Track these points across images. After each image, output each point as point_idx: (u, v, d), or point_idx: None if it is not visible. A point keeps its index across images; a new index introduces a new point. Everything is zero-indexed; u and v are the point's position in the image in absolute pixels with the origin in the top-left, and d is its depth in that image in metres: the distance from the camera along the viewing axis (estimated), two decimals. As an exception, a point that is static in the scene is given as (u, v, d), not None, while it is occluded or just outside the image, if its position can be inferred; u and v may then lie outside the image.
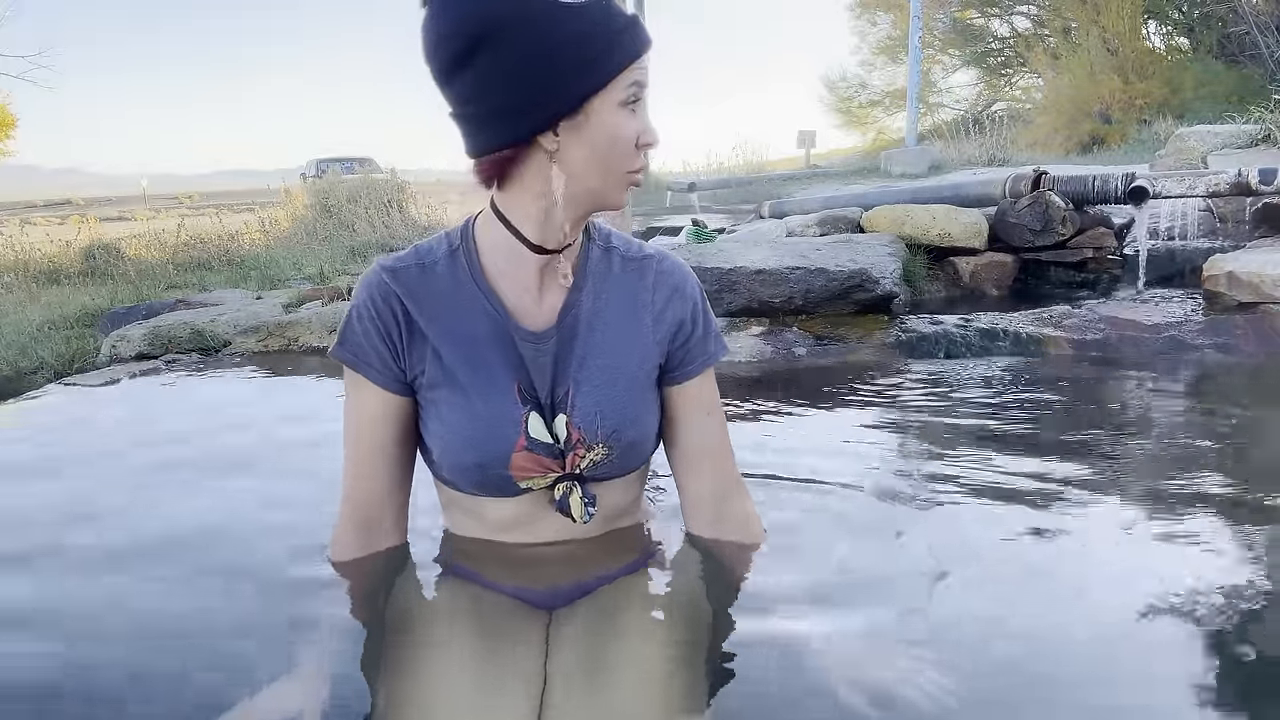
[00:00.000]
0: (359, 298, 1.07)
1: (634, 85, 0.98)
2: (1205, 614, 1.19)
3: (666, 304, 1.13)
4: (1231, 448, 1.98)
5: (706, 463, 1.17)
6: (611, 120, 0.97)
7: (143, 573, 1.37)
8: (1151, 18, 13.04)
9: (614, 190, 1.02)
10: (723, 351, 1.18)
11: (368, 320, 1.06)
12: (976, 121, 11.40)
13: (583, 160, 0.98)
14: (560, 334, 1.07)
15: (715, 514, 1.19)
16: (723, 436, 1.19)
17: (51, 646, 1.13)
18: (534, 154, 0.98)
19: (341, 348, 1.08)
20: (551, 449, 1.06)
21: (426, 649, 0.97)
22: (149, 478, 1.88)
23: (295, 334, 3.62)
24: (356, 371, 1.07)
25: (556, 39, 0.92)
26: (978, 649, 1.11)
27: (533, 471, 1.07)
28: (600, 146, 0.98)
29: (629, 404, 1.09)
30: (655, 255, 1.16)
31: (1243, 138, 6.12)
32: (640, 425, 1.11)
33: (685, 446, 1.17)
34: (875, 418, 2.32)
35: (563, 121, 0.96)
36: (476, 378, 1.05)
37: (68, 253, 7.20)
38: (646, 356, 1.11)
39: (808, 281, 3.34)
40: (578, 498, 1.08)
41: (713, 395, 1.18)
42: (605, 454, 1.08)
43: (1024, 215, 3.98)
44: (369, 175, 9.84)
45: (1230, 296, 3.21)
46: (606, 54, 0.95)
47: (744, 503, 1.22)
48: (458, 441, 1.05)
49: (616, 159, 0.99)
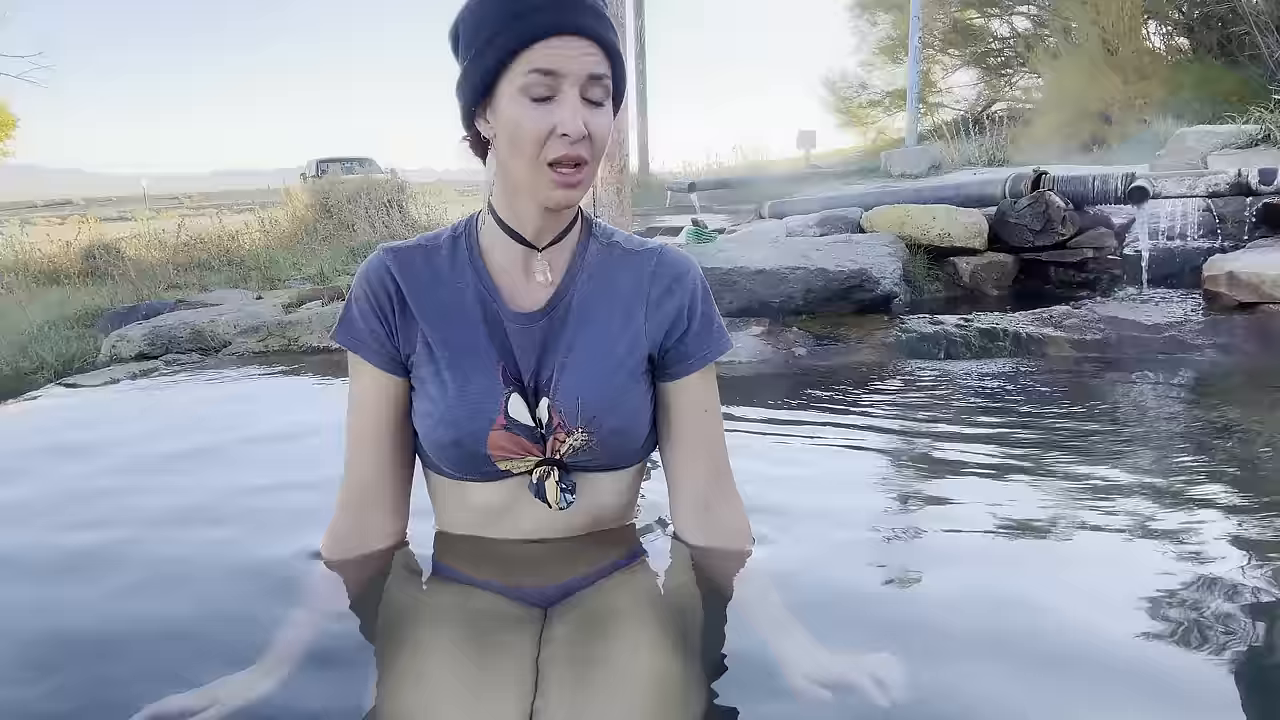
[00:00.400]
0: (357, 280, 1.10)
1: (534, 72, 0.95)
2: (1205, 614, 1.19)
3: (664, 295, 1.10)
4: (1231, 448, 1.98)
5: (700, 463, 1.15)
6: (510, 108, 0.97)
7: (135, 564, 1.37)
8: (1151, 18, 13.03)
9: (538, 185, 0.99)
10: (724, 347, 1.14)
11: (364, 301, 1.08)
12: (976, 121, 11.39)
13: (504, 149, 1.00)
14: (550, 319, 1.08)
15: (704, 519, 1.16)
16: (718, 438, 1.16)
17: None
18: (486, 140, 1.03)
19: (340, 329, 1.10)
20: (532, 432, 1.07)
21: (417, 649, 0.97)
22: (148, 471, 1.88)
23: (295, 334, 3.62)
24: (355, 353, 1.09)
25: (476, 22, 0.98)
26: (976, 649, 1.10)
27: (511, 453, 1.07)
28: (506, 134, 0.98)
29: (611, 390, 1.07)
30: (658, 248, 1.14)
31: (1243, 138, 6.12)
32: (621, 413, 1.08)
33: (678, 444, 1.14)
34: (875, 417, 2.32)
35: (484, 108, 1.00)
36: (460, 356, 1.07)
37: (68, 253, 7.19)
38: (636, 345, 1.09)
39: (808, 281, 3.34)
40: (554, 482, 1.07)
41: (710, 394, 1.15)
42: (585, 440, 1.07)
43: (1024, 215, 3.98)
44: (369, 175, 9.84)
45: (1230, 297, 3.21)
46: (500, 37, 0.95)
47: (735, 510, 1.18)
48: (436, 417, 1.07)
49: (524, 148, 0.97)
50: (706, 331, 1.13)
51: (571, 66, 0.95)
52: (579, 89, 0.96)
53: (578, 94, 0.96)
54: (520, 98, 0.96)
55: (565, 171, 0.98)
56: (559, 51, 0.95)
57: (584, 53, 0.96)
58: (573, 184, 0.99)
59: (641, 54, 12.01)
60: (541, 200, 1.01)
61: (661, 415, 1.15)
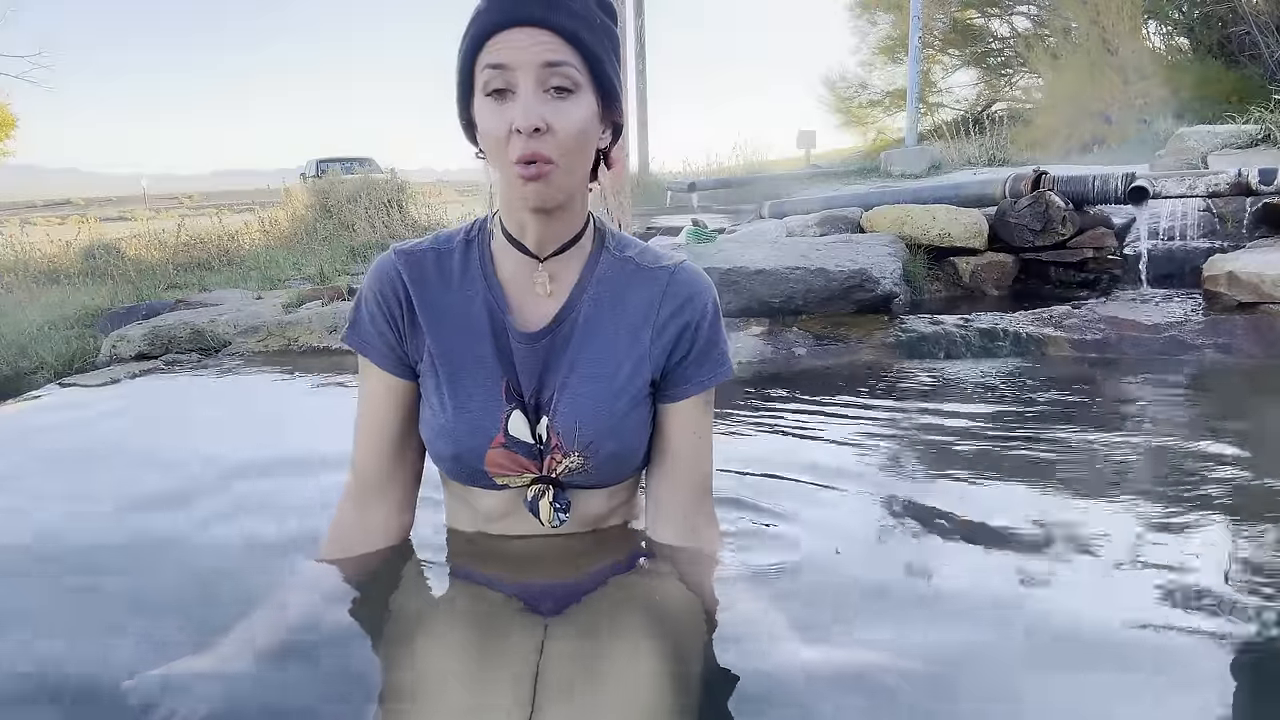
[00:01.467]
0: (368, 280, 1.09)
1: (487, 69, 0.93)
2: (1206, 614, 1.19)
3: (671, 317, 1.07)
4: (1232, 448, 1.98)
5: (684, 485, 1.13)
6: (479, 110, 0.96)
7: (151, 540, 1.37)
8: (1151, 18, 13.03)
9: (511, 184, 0.97)
10: (723, 376, 1.11)
11: (374, 304, 1.08)
12: (976, 121, 11.39)
13: (486, 154, 0.99)
14: (554, 337, 1.06)
15: (687, 540, 1.14)
16: (706, 459, 1.14)
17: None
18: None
19: (349, 331, 1.10)
20: (531, 450, 1.06)
21: (418, 651, 0.97)
22: (156, 470, 1.88)
23: (295, 334, 3.62)
24: (363, 355, 1.09)
25: (462, 32, 0.97)
26: (976, 649, 1.10)
27: (509, 470, 1.07)
28: (482, 141, 0.98)
29: (611, 416, 1.05)
30: (671, 267, 1.09)
31: (1243, 138, 6.12)
32: (620, 439, 1.07)
33: (666, 464, 1.13)
34: (875, 418, 2.32)
35: (472, 115, 0.99)
36: (462, 370, 1.06)
37: (68, 253, 7.19)
38: (639, 370, 1.06)
39: (808, 281, 3.34)
40: (547, 502, 1.07)
41: (703, 418, 1.12)
42: (582, 463, 1.06)
43: (1024, 215, 3.98)
44: (369, 175, 9.83)
45: (1230, 297, 3.21)
46: (464, 42, 0.96)
47: (713, 531, 1.17)
48: (436, 430, 1.07)
49: (491, 148, 0.96)
50: (707, 357, 1.10)
51: (521, 58, 0.92)
52: (534, 80, 0.93)
53: (533, 86, 0.93)
54: (483, 100, 0.95)
55: (526, 167, 0.93)
56: (507, 43, 0.93)
57: (535, 42, 0.92)
58: (535, 177, 0.94)
59: (641, 54, 12.00)
60: (517, 200, 0.99)
61: (654, 433, 1.13)
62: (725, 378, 1.11)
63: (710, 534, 1.16)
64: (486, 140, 0.96)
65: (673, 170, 12.34)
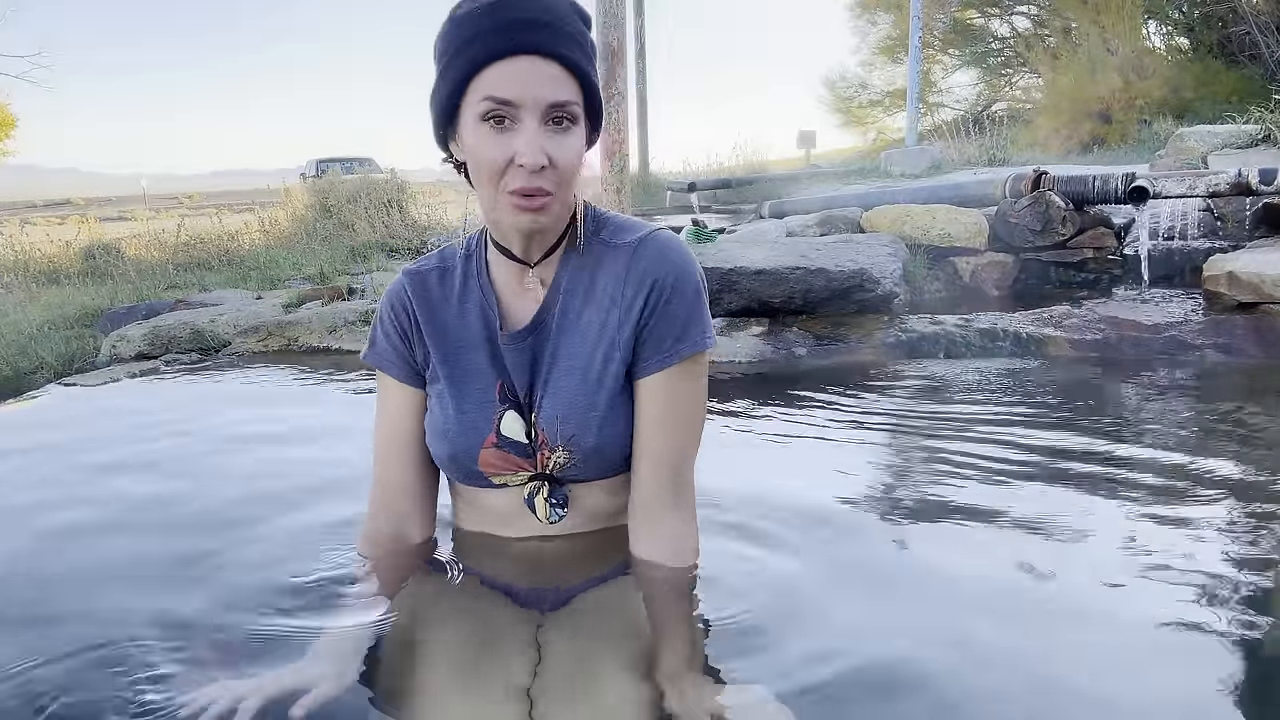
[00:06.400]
0: (382, 303, 1.15)
1: (486, 100, 0.92)
2: (1206, 614, 1.19)
3: (636, 292, 1.03)
4: (1231, 448, 1.98)
5: (647, 471, 1.06)
6: (470, 135, 0.95)
7: (173, 558, 1.37)
8: (1151, 18, 13.04)
9: (502, 211, 0.97)
10: (692, 349, 1.03)
11: (388, 323, 1.13)
12: (976, 121, 11.38)
13: (472, 174, 0.99)
14: (537, 334, 1.08)
15: (648, 529, 1.08)
16: (674, 448, 1.06)
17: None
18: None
19: (368, 351, 1.16)
20: (524, 448, 1.08)
21: (420, 653, 0.98)
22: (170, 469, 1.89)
23: (295, 334, 3.62)
24: (381, 370, 1.14)
25: (442, 44, 0.97)
26: (977, 648, 1.10)
27: (503, 469, 1.09)
28: (470, 161, 0.98)
29: (589, 409, 1.05)
30: (636, 242, 1.05)
31: (1243, 138, 6.12)
32: (600, 432, 1.05)
33: (635, 443, 1.07)
34: (875, 418, 2.32)
35: (452, 132, 0.99)
36: (461, 376, 1.09)
37: (68, 253, 7.19)
38: (611, 356, 1.04)
39: (808, 281, 3.34)
40: (543, 498, 1.09)
41: (676, 398, 1.04)
42: (569, 457, 1.07)
43: (1024, 215, 3.98)
44: (369, 175, 9.83)
45: (1230, 297, 3.21)
46: (456, 61, 0.94)
47: (683, 524, 1.08)
48: (435, 432, 1.11)
49: (484, 176, 0.96)
50: (674, 329, 1.02)
51: (527, 92, 0.91)
52: (539, 115, 0.92)
53: (537, 120, 0.92)
54: (479, 125, 0.94)
55: (526, 200, 0.94)
56: (512, 76, 0.91)
57: (542, 75, 0.91)
58: (535, 209, 0.95)
59: (641, 54, 11.98)
60: (509, 225, 1.00)
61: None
62: (697, 350, 1.03)
63: (675, 524, 1.07)
64: (480, 165, 0.96)
65: (672, 170, 12.33)
